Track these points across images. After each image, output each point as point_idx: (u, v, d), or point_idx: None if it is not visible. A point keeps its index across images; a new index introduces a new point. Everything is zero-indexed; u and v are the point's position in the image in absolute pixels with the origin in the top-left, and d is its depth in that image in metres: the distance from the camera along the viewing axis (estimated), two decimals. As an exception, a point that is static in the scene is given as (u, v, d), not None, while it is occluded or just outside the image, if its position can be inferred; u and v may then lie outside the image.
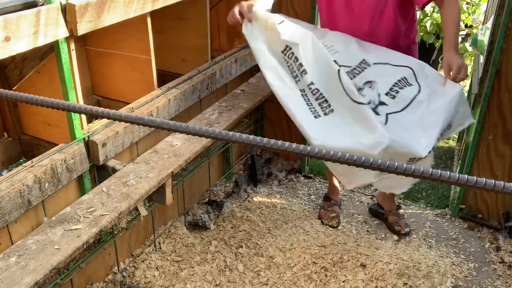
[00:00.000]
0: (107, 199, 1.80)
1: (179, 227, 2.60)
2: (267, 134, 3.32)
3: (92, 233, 1.64)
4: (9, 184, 1.66)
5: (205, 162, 2.75)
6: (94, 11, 1.83)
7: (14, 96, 0.98)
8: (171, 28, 2.79)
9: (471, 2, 4.14)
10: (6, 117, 2.29)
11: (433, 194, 3.05)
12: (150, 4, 2.12)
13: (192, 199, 2.78)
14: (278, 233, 2.65)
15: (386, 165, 0.81)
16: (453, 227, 2.74)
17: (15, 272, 1.46)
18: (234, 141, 0.88)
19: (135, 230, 2.39)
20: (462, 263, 2.47)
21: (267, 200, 2.95)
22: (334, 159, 0.83)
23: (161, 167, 2.01)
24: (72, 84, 1.87)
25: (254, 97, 2.65)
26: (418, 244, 2.60)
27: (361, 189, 3.09)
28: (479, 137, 2.53)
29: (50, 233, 1.63)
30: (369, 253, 2.48)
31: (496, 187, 0.75)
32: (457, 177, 0.78)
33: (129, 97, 2.49)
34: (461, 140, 3.39)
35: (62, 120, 2.00)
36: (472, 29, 4.10)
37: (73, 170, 1.90)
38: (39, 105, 0.97)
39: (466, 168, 2.64)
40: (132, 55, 2.40)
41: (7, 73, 2.12)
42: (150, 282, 2.29)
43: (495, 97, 2.42)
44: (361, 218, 2.82)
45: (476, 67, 3.04)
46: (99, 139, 1.98)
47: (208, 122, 2.38)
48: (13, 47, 1.59)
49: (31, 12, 1.62)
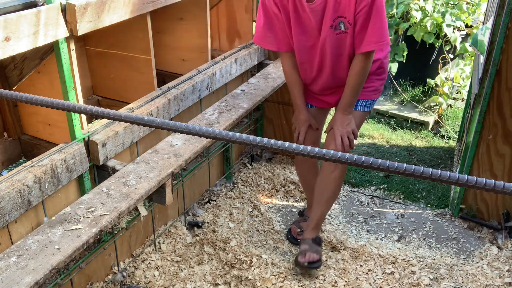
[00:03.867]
0: (107, 199, 1.80)
1: (179, 227, 2.60)
2: (267, 134, 3.32)
3: (92, 233, 1.64)
4: (9, 184, 1.65)
5: (205, 162, 2.75)
6: (94, 11, 1.83)
7: (14, 96, 0.98)
8: (171, 28, 2.79)
9: (471, 2, 4.14)
10: (6, 117, 2.29)
11: (433, 194, 3.05)
12: (150, 4, 2.12)
13: (192, 199, 2.78)
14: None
15: (386, 165, 0.80)
16: (453, 227, 2.74)
17: (15, 272, 1.46)
18: (234, 141, 0.88)
19: (135, 230, 2.39)
20: (462, 263, 2.47)
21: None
22: (334, 159, 0.83)
23: (161, 167, 2.00)
24: (72, 84, 1.87)
25: (254, 97, 2.65)
26: (418, 244, 2.60)
27: (361, 189, 3.09)
28: (479, 137, 2.53)
29: (50, 233, 1.63)
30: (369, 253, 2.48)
31: (496, 187, 0.75)
32: (457, 177, 0.78)
33: (129, 97, 2.49)
34: (461, 140, 3.39)
35: (62, 120, 2.00)
36: (472, 29, 4.10)
37: (73, 170, 1.90)
38: (39, 105, 0.97)
39: (466, 168, 2.64)
40: (132, 55, 2.40)
41: (7, 73, 2.12)
42: (150, 282, 2.28)
43: (495, 97, 2.42)
44: (361, 218, 2.82)
45: (476, 67, 3.04)
46: (99, 139, 1.98)
47: (208, 122, 2.38)
48: (13, 47, 1.59)
49: (31, 12, 1.62)
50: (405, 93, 4.26)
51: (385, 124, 3.95)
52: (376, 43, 2.00)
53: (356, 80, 2.09)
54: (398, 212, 2.88)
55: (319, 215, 2.39)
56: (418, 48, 4.16)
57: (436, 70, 4.15)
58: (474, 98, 2.59)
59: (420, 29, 4.00)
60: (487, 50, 2.45)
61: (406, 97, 4.20)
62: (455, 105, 4.10)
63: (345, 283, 2.32)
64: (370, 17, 1.94)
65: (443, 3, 4.13)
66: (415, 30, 4.02)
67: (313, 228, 2.41)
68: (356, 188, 3.11)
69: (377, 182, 3.16)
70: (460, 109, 4.03)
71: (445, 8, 4.06)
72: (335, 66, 2.13)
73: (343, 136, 2.19)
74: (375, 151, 3.55)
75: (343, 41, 2.04)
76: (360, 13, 1.93)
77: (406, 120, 3.98)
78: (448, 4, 4.15)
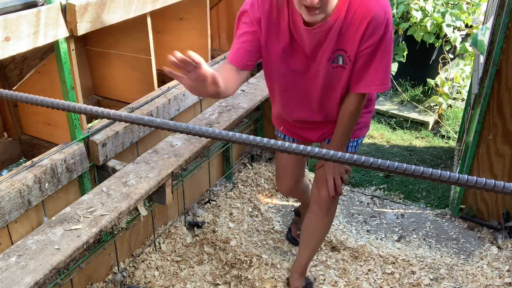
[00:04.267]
0: (107, 199, 1.80)
1: (179, 227, 2.60)
2: (267, 134, 3.32)
3: (92, 233, 1.64)
4: (9, 184, 1.66)
5: (205, 162, 2.75)
6: (94, 11, 1.83)
7: (14, 96, 0.97)
8: (171, 28, 2.79)
9: (471, 2, 4.14)
10: (6, 117, 2.29)
11: (433, 194, 3.05)
12: (150, 4, 2.12)
13: (192, 199, 2.78)
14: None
15: (386, 165, 0.80)
16: (453, 227, 2.74)
17: (15, 272, 1.46)
18: (234, 141, 0.88)
19: (135, 230, 2.39)
20: (462, 263, 2.47)
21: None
22: (334, 159, 0.83)
23: (161, 167, 2.00)
24: (72, 84, 1.87)
25: (254, 97, 2.65)
26: (418, 244, 2.60)
27: (361, 189, 3.09)
28: (479, 137, 2.53)
29: (50, 233, 1.63)
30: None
31: (496, 187, 0.75)
32: (457, 177, 0.78)
33: (129, 97, 2.49)
34: (461, 140, 3.39)
35: (62, 120, 2.00)
36: (472, 29, 4.10)
37: (73, 170, 1.90)
38: (39, 105, 0.97)
39: (466, 168, 2.64)
40: (132, 55, 2.40)
41: (7, 73, 2.12)
42: (150, 282, 2.28)
43: (495, 97, 2.42)
44: (361, 218, 2.82)
45: (476, 67, 3.04)
46: (99, 139, 1.98)
47: (208, 122, 2.38)
48: (13, 47, 1.59)
49: (31, 12, 1.62)
50: (405, 93, 4.26)
51: (385, 124, 3.95)
52: (377, 87, 1.74)
53: (350, 120, 1.85)
54: (398, 212, 2.88)
55: (306, 259, 2.22)
56: (418, 48, 4.16)
57: (436, 70, 4.15)
58: (474, 98, 2.59)
59: (420, 29, 4.00)
60: (487, 50, 2.45)
61: (406, 97, 4.20)
62: (455, 105, 4.10)
63: (345, 283, 2.32)
64: (375, 58, 1.68)
65: (443, 3, 4.13)
66: (415, 30, 4.02)
67: (301, 274, 2.24)
68: (356, 188, 3.11)
69: (377, 182, 3.16)
70: (460, 109, 4.03)
71: (445, 8, 4.06)
72: (324, 99, 1.85)
73: (335, 178, 1.94)
74: (375, 151, 3.55)
75: (338, 75, 1.76)
76: (364, 51, 1.67)
77: (406, 120, 3.98)
78: (448, 4, 4.15)
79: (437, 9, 4.03)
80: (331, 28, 1.65)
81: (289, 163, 2.22)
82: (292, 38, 1.72)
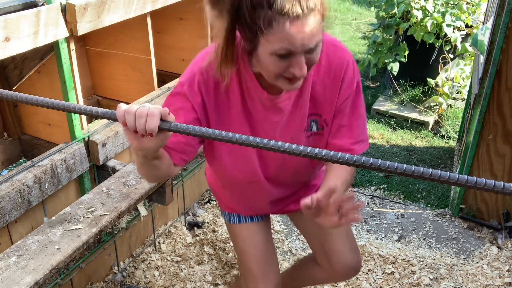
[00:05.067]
0: (107, 199, 1.80)
1: (179, 227, 2.60)
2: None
3: (92, 233, 1.64)
4: (9, 184, 1.66)
5: (205, 162, 2.75)
6: (94, 11, 1.83)
7: (14, 96, 0.98)
8: (171, 28, 2.79)
9: (471, 2, 4.14)
10: (6, 117, 2.29)
11: (433, 194, 3.05)
12: (150, 4, 2.12)
13: (192, 199, 2.78)
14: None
15: (386, 166, 0.80)
16: (453, 227, 2.74)
17: (15, 272, 1.46)
18: (234, 141, 0.88)
19: (135, 230, 2.39)
20: (462, 263, 2.47)
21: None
22: (334, 160, 0.83)
23: (161, 167, 2.00)
24: (72, 84, 1.87)
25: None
26: (418, 244, 2.60)
27: (361, 189, 3.09)
28: (479, 137, 2.53)
29: (50, 233, 1.63)
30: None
31: (496, 187, 0.75)
32: (457, 177, 0.78)
33: (129, 97, 2.49)
34: (461, 140, 3.39)
35: (62, 120, 2.00)
36: (472, 29, 4.09)
37: (73, 170, 1.90)
38: (39, 105, 0.97)
39: (466, 168, 2.64)
40: (132, 55, 2.40)
41: (7, 73, 2.12)
42: (150, 282, 2.29)
43: (495, 97, 2.42)
44: (361, 218, 2.82)
45: (476, 67, 3.04)
46: (99, 139, 1.98)
47: (208, 122, 2.38)
48: (13, 47, 1.59)
49: (31, 12, 1.62)
50: (405, 93, 4.26)
51: (385, 124, 3.95)
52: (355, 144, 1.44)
53: (348, 184, 1.42)
54: (398, 212, 2.88)
55: None
56: (418, 48, 4.16)
57: (436, 70, 4.15)
58: (474, 98, 2.59)
59: (420, 29, 4.00)
60: (487, 50, 2.45)
61: (406, 97, 4.20)
62: (455, 105, 4.10)
63: (345, 283, 2.32)
64: (353, 112, 1.41)
65: (443, 3, 4.12)
66: (415, 30, 4.02)
67: None
68: (356, 188, 3.11)
69: (377, 182, 3.16)
70: (460, 109, 4.02)
71: (445, 8, 4.05)
72: (298, 173, 1.55)
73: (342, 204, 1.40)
74: (375, 151, 3.54)
75: (315, 144, 1.44)
76: (344, 104, 1.40)
77: (406, 120, 3.98)
78: (448, 4, 4.15)
79: (437, 9, 4.03)
80: (301, 92, 1.36)
81: (260, 244, 1.66)
82: (250, 115, 1.38)
